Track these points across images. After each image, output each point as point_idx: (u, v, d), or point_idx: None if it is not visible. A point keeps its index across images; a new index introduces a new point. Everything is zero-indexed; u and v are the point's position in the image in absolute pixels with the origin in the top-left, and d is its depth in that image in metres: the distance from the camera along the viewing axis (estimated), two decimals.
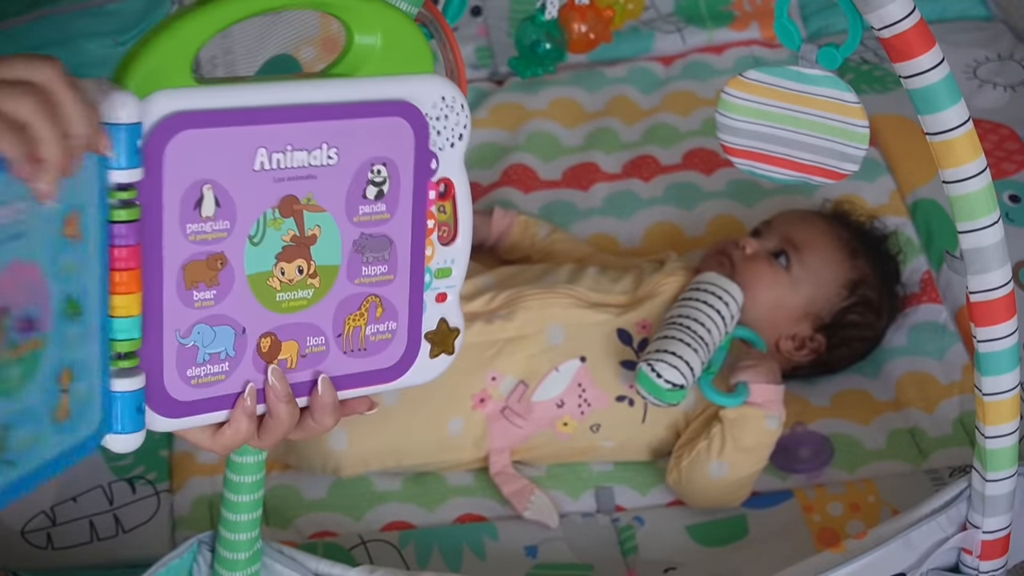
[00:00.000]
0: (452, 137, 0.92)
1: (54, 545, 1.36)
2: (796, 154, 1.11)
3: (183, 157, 0.83)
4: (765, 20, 1.86)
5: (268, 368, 0.88)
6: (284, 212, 0.86)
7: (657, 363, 1.32)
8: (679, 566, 1.35)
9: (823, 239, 1.50)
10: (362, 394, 0.93)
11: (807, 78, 1.08)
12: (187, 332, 0.85)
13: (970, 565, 1.21)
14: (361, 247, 0.90)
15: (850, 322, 1.49)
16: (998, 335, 1.09)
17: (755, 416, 1.37)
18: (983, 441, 1.14)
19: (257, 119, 0.85)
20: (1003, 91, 1.74)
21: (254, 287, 0.87)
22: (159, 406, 0.85)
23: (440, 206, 0.92)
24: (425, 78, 0.90)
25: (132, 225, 0.82)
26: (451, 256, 0.93)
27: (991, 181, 1.06)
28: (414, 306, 0.93)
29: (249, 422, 0.88)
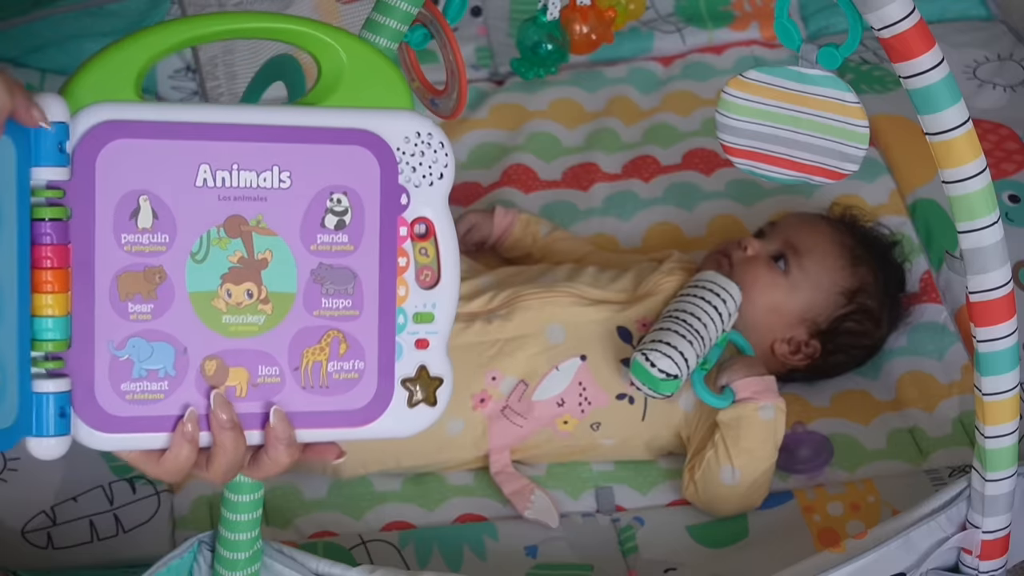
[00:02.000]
0: (430, 175, 0.90)
1: (54, 545, 1.36)
2: (796, 154, 1.11)
3: (117, 165, 0.82)
4: (765, 20, 1.86)
5: (211, 393, 0.86)
6: (230, 232, 0.85)
7: (651, 352, 1.32)
8: (679, 566, 1.35)
9: (825, 245, 1.49)
10: (327, 437, 0.90)
11: (807, 78, 1.08)
12: (121, 344, 0.84)
13: (970, 565, 1.21)
14: (320, 277, 0.88)
15: (847, 330, 1.48)
16: (998, 335, 1.09)
17: (748, 412, 1.36)
18: (983, 441, 1.14)
19: (199, 135, 0.84)
20: (1003, 91, 1.74)
21: (196, 306, 0.85)
22: (91, 419, 0.84)
23: (421, 247, 0.90)
24: (396, 112, 0.89)
25: (58, 224, 0.81)
26: (432, 300, 0.91)
27: (991, 181, 1.06)
28: (384, 347, 0.90)
29: (190, 448, 0.86)
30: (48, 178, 0.81)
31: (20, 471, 1.41)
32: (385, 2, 1.04)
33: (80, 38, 1.73)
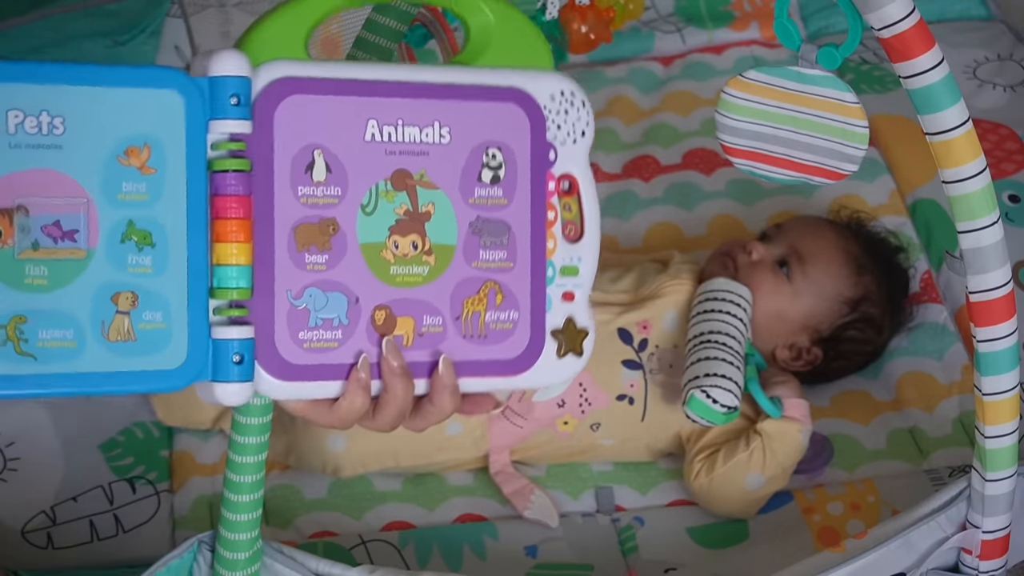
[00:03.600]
0: (573, 133, 0.92)
1: (54, 545, 1.36)
2: (796, 154, 1.11)
3: (293, 120, 0.85)
4: (765, 20, 1.86)
5: (383, 340, 0.88)
6: (397, 185, 0.88)
7: (712, 389, 1.32)
8: (679, 566, 1.35)
9: (830, 252, 1.49)
10: (485, 387, 0.92)
11: (807, 78, 1.08)
12: (299, 294, 0.86)
13: (970, 565, 1.21)
14: (478, 229, 0.90)
15: (849, 338, 1.48)
16: (998, 335, 1.09)
17: (792, 430, 1.37)
18: (983, 441, 1.14)
19: (367, 91, 0.87)
20: (1003, 91, 1.74)
21: (367, 257, 0.88)
22: (270, 366, 0.86)
23: (565, 203, 0.93)
24: (542, 72, 0.92)
25: (241, 176, 0.84)
26: (577, 254, 0.93)
27: (991, 181, 1.06)
28: (536, 298, 0.92)
29: (364, 395, 0.88)
30: (231, 131, 0.84)
31: (20, 471, 1.41)
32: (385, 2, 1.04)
33: (79, 38, 1.73)
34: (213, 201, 0.85)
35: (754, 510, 1.40)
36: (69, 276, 0.82)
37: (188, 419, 1.45)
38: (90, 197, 0.82)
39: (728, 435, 1.40)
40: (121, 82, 0.83)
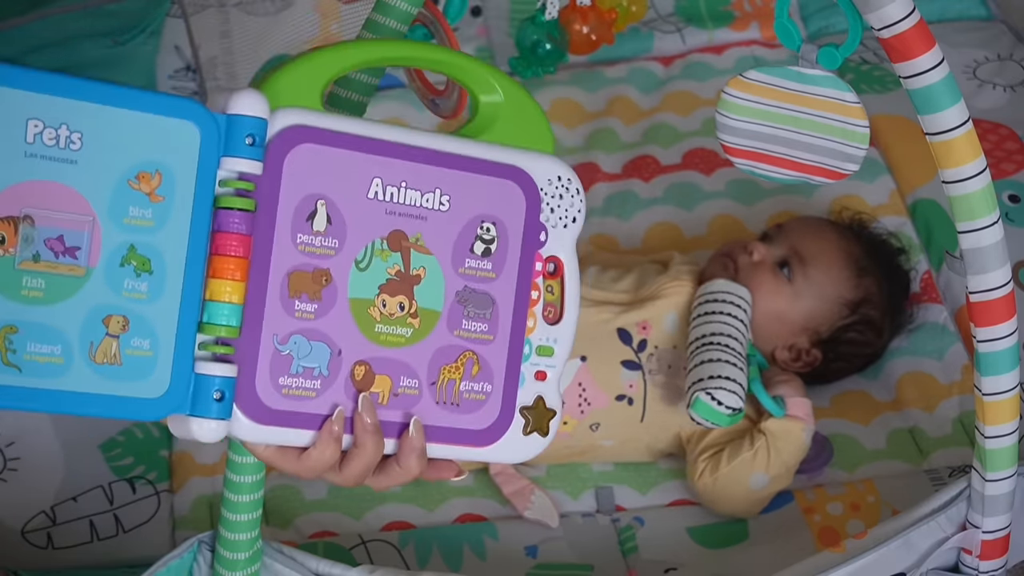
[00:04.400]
0: (565, 218, 0.95)
1: (54, 545, 1.36)
2: (796, 154, 1.11)
3: (302, 168, 0.87)
4: (765, 20, 1.86)
5: (359, 396, 0.89)
6: (392, 245, 0.89)
7: (717, 391, 1.33)
8: (679, 566, 1.35)
9: (831, 253, 1.48)
10: (451, 454, 0.93)
11: (807, 78, 1.08)
12: (284, 339, 0.87)
13: (970, 565, 1.21)
14: (464, 299, 0.92)
15: (849, 340, 1.48)
16: (998, 335, 1.09)
17: (796, 429, 1.38)
18: (983, 441, 1.14)
19: (376, 150, 0.89)
20: (1003, 91, 1.74)
21: (355, 312, 0.89)
22: (247, 408, 0.86)
23: (548, 285, 0.95)
24: (543, 156, 0.94)
25: (246, 215, 0.85)
26: (554, 336, 0.95)
27: (991, 181, 1.06)
28: (510, 373, 0.94)
29: (335, 447, 0.88)
30: (241, 169, 0.85)
31: (20, 471, 1.41)
32: (385, 2, 1.04)
33: (79, 38, 1.73)
34: (215, 236, 0.85)
35: (757, 509, 1.40)
36: (66, 292, 0.82)
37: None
38: (96, 216, 0.82)
39: (731, 435, 1.40)
40: (142, 106, 0.83)
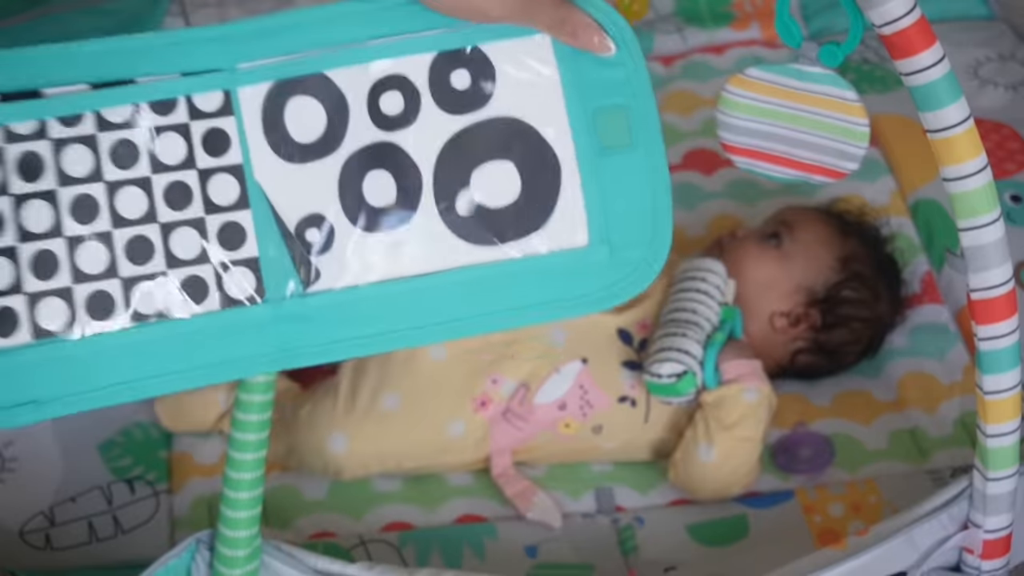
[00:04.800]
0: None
1: (52, 546, 1.36)
2: (796, 152, 1.11)
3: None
4: (766, 20, 1.86)
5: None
6: None
7: (651, 365, 1.34)
8: (679, 566, 1.35)
9: (816, 218, 1.51)
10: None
11: (808, 76, 1.08)
12: None
13: (972, 564, 1.21)
14: None
15: (845, 298, 1.48)
16: (999, 333, 1.09)
17: (732, 392, 1.37)
18: (984, 440, 1.14)
19: None
20: (1004, 91, 1.74)
21: None
22: None
23: None
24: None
25: None
26: None
27: (992, 179, 1.06)
28: None
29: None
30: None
31: (18, 471, 1.41)
32: None
33: (78, 37, 1.73)
34: None
35: (730, 486, 1.38)
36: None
37: (191, 422, 1.45)
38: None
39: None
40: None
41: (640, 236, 0.90)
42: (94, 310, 0.87)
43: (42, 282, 0.85)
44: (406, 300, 0.90)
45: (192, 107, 0.89)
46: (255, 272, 0.90)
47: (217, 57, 0.90)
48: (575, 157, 0.89)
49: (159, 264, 0.88)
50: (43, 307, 0.86)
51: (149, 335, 0.88)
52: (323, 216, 0.91)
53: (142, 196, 0.88)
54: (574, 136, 0.89)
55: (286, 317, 0.91)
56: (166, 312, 0.88)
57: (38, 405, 0.86)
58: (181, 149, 0.89)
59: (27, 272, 0.85)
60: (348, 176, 0.90)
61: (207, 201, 0.89)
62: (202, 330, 0.89)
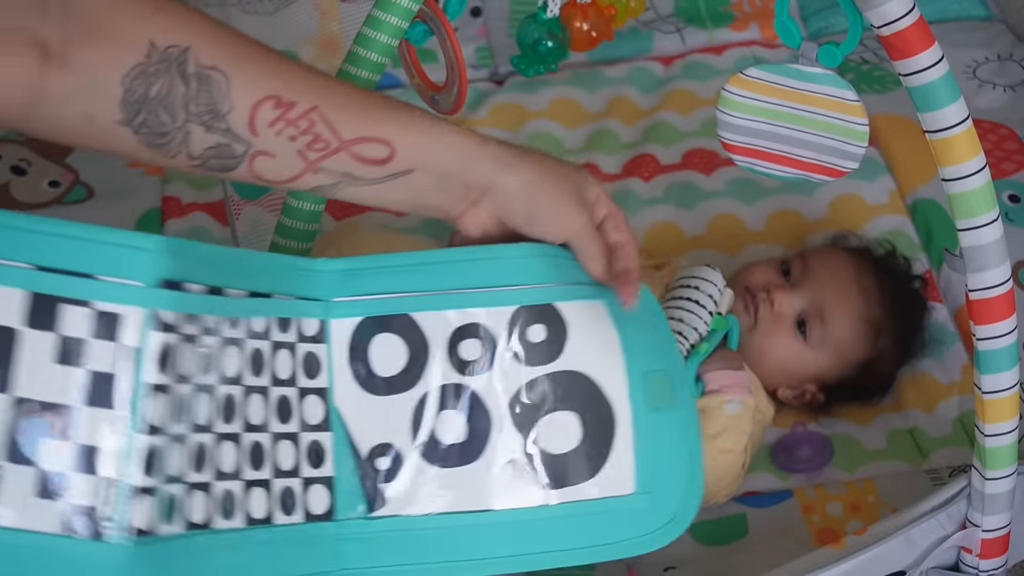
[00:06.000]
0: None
1: None
2: (796, 151, 1.11)
3: None
4: (765, 20, 1.86)
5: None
6: None
7: None
8: (679, 565, 1.35)
9: (852, 317, 1.44)
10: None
11: (807, 76, 1.08)
12: None
13: (970, 564, 1.21)
14: None
15: (855, 385, 1.46)
16: (997, 333, 1.09)
17: (714, 404, 1.35)
18: (982, 439, 1.14)
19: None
20: (1003, 91, 1.74)
21: None
22: None
23: None
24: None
25: None
26: None
27: (990, 179, 1.06)
28: None
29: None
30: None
31: None
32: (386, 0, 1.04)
33: None
34: None
35: (718, 495, 1.37)
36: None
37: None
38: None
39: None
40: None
41: (677, 488, 0.98)
42: (224, 508, 0.91)
43: (195, 474, 0.89)
44: (463, 534, 0.96)
45: (299, 330, 0.96)
46: (329, 491, 0.95)
47: (319, 288, 0.97)
48: (630, 413, 0.97)
49: (267, 472, 0.93)
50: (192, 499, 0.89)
51: (250, 539, 0.92)
52: (394, 446, 0.96)
53: (262, 405, 0.93)
54: (631, 394, 0.97)
55: (350, 537, 0.96)
56: (267, 519, 0.93)
57: None
58: (289, 366, 0.95)
59: (187, 463, 0.88)
60: (422, 412, 0.97)
61: (301, 419, 0.95)
62: (285, 542, 0.94)
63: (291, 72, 0.92)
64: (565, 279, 0.98)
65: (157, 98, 0.89)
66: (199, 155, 0.91)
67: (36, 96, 0.87)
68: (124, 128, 0.89)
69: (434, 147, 0.95)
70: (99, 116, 0.89)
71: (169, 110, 0.89)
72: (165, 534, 0.87)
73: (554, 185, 0.97)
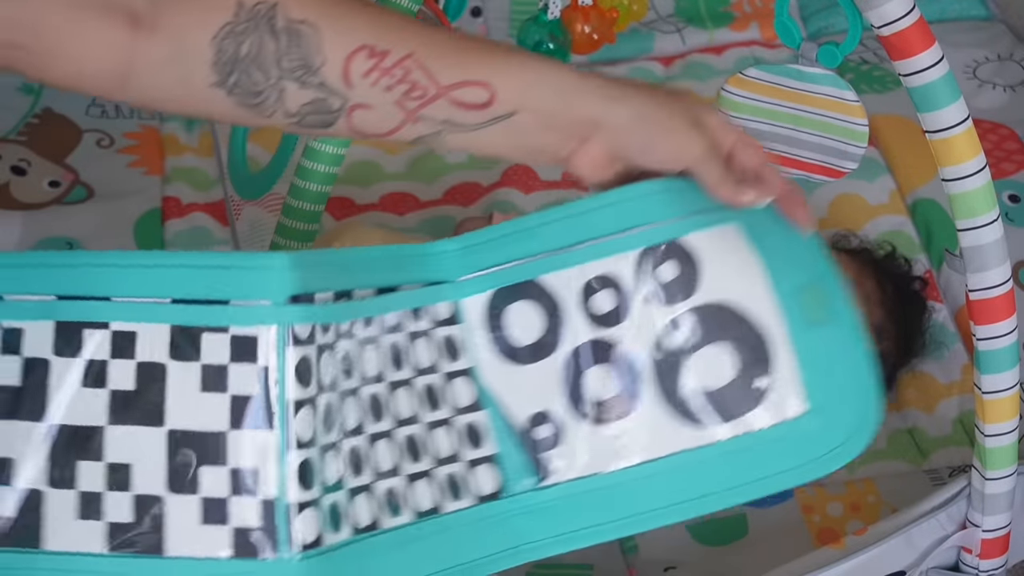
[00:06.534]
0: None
1: None
2: (796, 152, 1.11)
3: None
4: (765, 21, 1.86)
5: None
6: None
7: None
8: (679, 565, 1.35)
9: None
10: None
11: (807, 76, 1.08)
12: None
13: (970, 564, 1.21)
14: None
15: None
16: (997, 333, 1.09)
17: None
18: (982, 439, 1.14)
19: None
20: (1003, 91, 1.74)
21: None
22: None
23: None
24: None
25: None
26: None
27: (990, 179, 1.06)
28: None
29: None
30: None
31: None
32: None
33: None
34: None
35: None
36: None
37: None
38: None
39: None
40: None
41: (851, 402, 0.93)
42: (390, 507, 0.91)
43: (355, 478, 0.90)
44: (634, 488, 0.94)
45: (433, 315, 0.95)
46: (496, 469, 0.94)
47: (444, 270, 0.96)
48: (787, 333, 0.92)
49: (428, 462, 0.93)
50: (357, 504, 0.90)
51: (422, 532, 0.92)
52: (549, 413, 0.95)
53: (410, 397, 0.93)
54: (783, 314, 0.93)
55: (524, 511, 0.94)
56: (436, 509, 0.93)
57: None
58: (429, 354, 0.94)
59: (347, 469, 0.89)
60: (569, 373, 0.95)
61: (452, 403, 0.94)
62: (459, 528, 0.93)
63: (382, 20, 0.90)
64: (690, 210, 0.93)
65: (248, 57, 0.88)
66: (296, 112, 0.90)
67: (130, 65, 0.87)
68: (218, 90, 0.89)
69: (535, 86, 0.92)
70: (192, 80, 0.88)
71: (261, 68, 0.88)
72: (333, 543, 0.88)
73: (667, 112, 0.92)
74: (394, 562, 0.90)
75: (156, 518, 0.85)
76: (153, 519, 0.85)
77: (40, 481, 0.85)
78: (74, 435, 0.85)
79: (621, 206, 0.94)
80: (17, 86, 1.73)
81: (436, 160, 1.71)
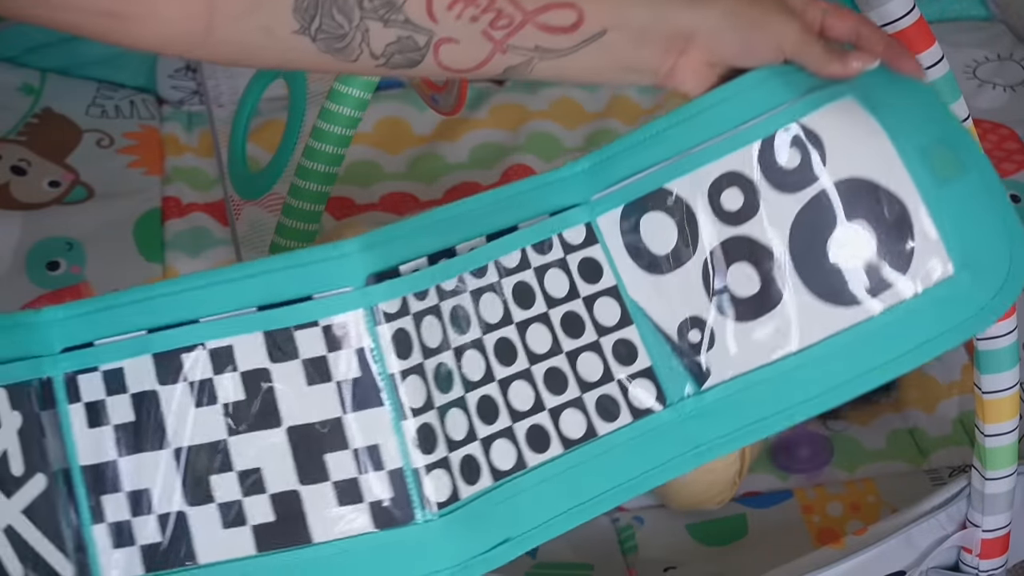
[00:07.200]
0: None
1: None
2: None
3: None
4: None
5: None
6: None
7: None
8: (679, 565, 1.35)
9: None
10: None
11: None
12: None
13: (970, 564, 1.21)
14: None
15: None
16: (997, 333, 1.09)
17: None
18: (982, 439, 1.14)
19: None
20: (1003, 91, 1.74)
21: None
22: None
23: None
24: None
25: None
26: None
27: None
28: None
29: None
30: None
31: None
32: None
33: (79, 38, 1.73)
34: None
35: (709, 502, 1.37)
36: None
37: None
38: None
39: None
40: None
41: (997, 254, 0.91)
42: (534, 444, 0.92)
43: (489, 427, 0.91)
44: (795, 376, 0.94)
45: (564, 243, 0.95)
46: (653, 381, 0.94)
47: (573, 194, 0.96)
48: (919, 195, 0.91)
49: (574, 391, 0.93)
50: (495, 450, 0.91)
51: (578, 459, 0.93)
52: (698, 317, 0.95)
53: (546, 331, 0.94)
54: (912, 176, 0.91)
55: (689, 417, 0.94)
56: (590, 434, 0.93)
57: (511, 543, 0.91)
58: (564, 282, 0.95)
59: (476, 419, 0.91)
60: (711, 275, 0.94)
61: (596, 325, 0.95)
62: (621, 445, 0.94)
63: None
64: (802, 91, 0.93)
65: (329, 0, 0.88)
66: (382, 52, 0.89)
67: (211, 19, 0.87)
68: (302, 37, 0.88)
69: (622, 2, 0.91)
70: (275, 28, 0.88)
71: (343, 10, 0.88)
72: (472, 494, 0.90)
73: (754, 5, 0.92)
74: (550, 493, 0.92)
75: (296, 511, 0.88)
76: (294, 513, 0.88)
77: (180, 503, 0.88)
78: (199, 453, 0.88)
79: (735, 100, 0.93)
80: (17, 86, 1.73)
81: (436, 160, 1.71)
